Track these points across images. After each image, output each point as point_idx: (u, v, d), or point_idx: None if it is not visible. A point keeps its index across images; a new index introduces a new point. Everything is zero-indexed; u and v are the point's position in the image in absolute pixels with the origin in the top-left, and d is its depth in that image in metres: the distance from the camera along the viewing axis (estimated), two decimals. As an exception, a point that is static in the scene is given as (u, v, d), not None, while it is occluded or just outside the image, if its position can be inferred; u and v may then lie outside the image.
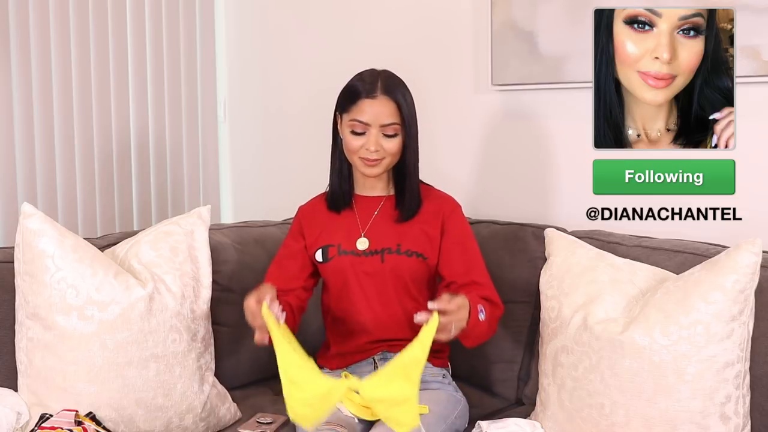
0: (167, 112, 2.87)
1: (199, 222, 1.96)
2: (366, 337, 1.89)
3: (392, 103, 1.80)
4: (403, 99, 1.82)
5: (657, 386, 1.52)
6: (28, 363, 1.76)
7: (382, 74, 1.84)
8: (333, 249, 1.89)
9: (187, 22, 2.92)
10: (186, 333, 1.83)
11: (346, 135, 1.84)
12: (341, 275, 1.88)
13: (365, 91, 1.80)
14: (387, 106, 1.80)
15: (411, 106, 1.84)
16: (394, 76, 1.85)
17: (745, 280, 1.52)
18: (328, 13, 2.76)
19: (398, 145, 1.83)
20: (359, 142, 1.81)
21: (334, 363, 1.93)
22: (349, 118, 1.82)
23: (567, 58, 2.13)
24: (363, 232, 1.88)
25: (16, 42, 2.44)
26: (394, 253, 1.86)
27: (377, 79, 1.82)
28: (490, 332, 1.76)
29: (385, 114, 1.80)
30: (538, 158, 2.30)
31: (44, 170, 2.54)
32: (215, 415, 1.89)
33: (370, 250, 1.86)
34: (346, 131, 1.84)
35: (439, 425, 1.73)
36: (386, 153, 1.82)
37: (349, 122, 1.82)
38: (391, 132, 1.81)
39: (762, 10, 1.81)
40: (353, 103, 1.81)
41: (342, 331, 1.92)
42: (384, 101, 1.80)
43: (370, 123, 1.80)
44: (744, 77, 1.86)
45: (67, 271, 1.73)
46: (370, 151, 1.81)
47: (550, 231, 1.88)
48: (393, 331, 1.87)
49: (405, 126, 1.81)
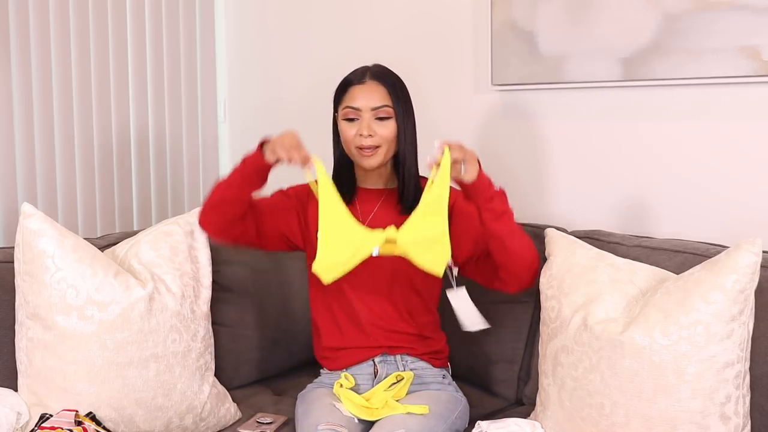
0: (167, 112, 2.87)
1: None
2: (366, 333, 1.87)
3: (382, 86, 1.84)
4: (394, 84, 1.85)
5: (657, 386, 1.52)
6: (28, 363, 1.76)
7: (371, 65, 1.89)
8: None
9: (187, 22, 2.92)
10: (186, 333, 1.83)
11: (341, 126, 1.86)
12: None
13: (355, 79, 1.85)
14: (377, 90, 1.83)
15: (403, 93, 1.86)
16: (385, 67, 1.89)
17: (745, 280, 1.51)
18: (328, 14, 2.76)
19: (392, 130, 1.83)
20: (353, 130, 1.83)
21: (333, 364, 1.92)
22: (342, 108, 1.86)
23: (567, 58, 2.13)
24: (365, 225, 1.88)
25: (16, 42, 2.44)
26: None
27: (366, 69, 1.87)
28: (520, 233, 1.77)
29: (375, 97, 1.82)
30: (537, 158, 2.30)
31: (44, 170, 2.54)
32: (215, 415, 1.89)
33: None
34: (341, 122, 1.86)
35: (440, 425, 1.73)
36: (381, 139, 1.82)
37: (343, 111, 1.85)
38: (384, 114, 1.82)
39: (762, 10, 1.81)
40: (345, 93, 1.86)
41: (339, 327, 1.90)
42: (373, 85, 1.84)
43: (361, 108, 1.82)
44: (744, 77, 1.86)
45: (67, 271, 1.73)
46: (363, 137, 1.81)
47: (550, 231, 1.88)
48: (395, 325, 1.87)
49: (397, 110, 1.83)
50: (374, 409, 1.75)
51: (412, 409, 1.72)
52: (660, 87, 2.02)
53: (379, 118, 1.82)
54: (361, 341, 1.88)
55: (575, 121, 2.21)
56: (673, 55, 1.95)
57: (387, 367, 1.88)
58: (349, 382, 1.84)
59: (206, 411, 1.86)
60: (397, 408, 1.73)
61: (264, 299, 2.21)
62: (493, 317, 2.09)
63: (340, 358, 1.90)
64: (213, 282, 1.95)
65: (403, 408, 1.73)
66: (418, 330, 1.90)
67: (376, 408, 1.75)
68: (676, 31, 1.93)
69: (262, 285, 2.22)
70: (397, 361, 1.88)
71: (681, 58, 1.94)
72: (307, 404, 1.81)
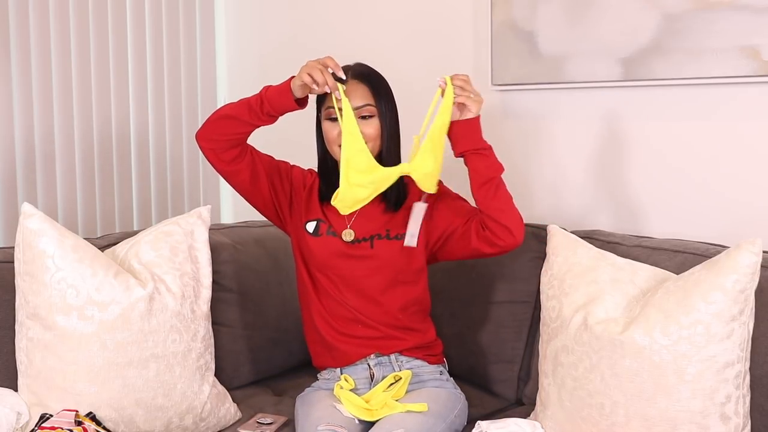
0: (167, 112, 2.87)
1: (199, 222, 1.96)
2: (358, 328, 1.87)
3: (363, 85, 1.83)
4: (375, 82, 1.85)
5: (657, 386, 1.52)
6: (28, 363, 1.76)
7: (352, 65, 1.88)
8: (324, 226, 1.88)
9: (187, 22, 2.92)
10: (186, 333, 1.83)
11: (324, 126, 1.86)
12: (330, 254, 1.87)
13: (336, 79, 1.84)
14: (358, 89, 1.82)
15: (385, 90, 1.86)
16: (366, 65, 1.89)
17: (745, 280, 1.51)
18: (329, 14, 2.76)
19: (376, 129, 1.83)
20: (336, 129, 1.82)
21: (328, 361, 1.92)
22: (325, 108, 1.84)
23: (567, 58, 2.13)
24: (348, 225, 1.88)
25: (16, 42, 2.44)
26: (384, 239, 1.85)
27: (348, 68, 1.85)
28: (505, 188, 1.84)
29: (357, 96, 1.82)
30: (537, 158, 2.30)
31: (44, 170, 2.54)
32: (215, 415, 1.89)
33: (356, 239, 1.86)
34: (324, 122, 1.85)
35: (438, 425, 1.73)
36: (365, 137, 1.80)
37: (325, 111, 1.84)
38: (366, 113, 1.82)
39: (762, 10, 1.81)
40: (326, 94, 1.82)
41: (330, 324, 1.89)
42: (354, 84, 1.83)
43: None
44: (744, 77, 1.86)
45: (67, 271, 1.73)
46: None
47: (552, 227, 1.86)
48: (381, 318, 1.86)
49: (379, 108, 1.82)
50: (374, 410, 1.75)
51: (411, 407, 1.72)
52: (660, 87, 2.02)
53: (362, 117, 1.81)
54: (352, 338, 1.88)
55: (575, 122, 2.21)
56: (673, 55, 1.95)
57: (383, 369, 1.87)
58: (348, 384, 1.84)
59: (206, 411, 1.86)
60: (396, 407, 1.73)
61: (264, 299, 2.21)
62: (493, 317, 2.10)
63: (335, 357, 1.90)
64: (213, 282, 1.94)
65: (402, 407, 1.73)
66: (408, 322, 1.90)
67: (376, 409, 1.75)
68: (676, 31, 1.93)
69: (262, 285, 2.22)
70: (392, 361, 1.88)
71: (681, 58, 1.94)
72: (307, 405, 1.81)
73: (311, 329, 1.94)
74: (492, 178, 1.81)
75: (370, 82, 1.84)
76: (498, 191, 1.81)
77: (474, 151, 1.81)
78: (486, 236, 1.82)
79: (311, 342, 1.96)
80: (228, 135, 1.83)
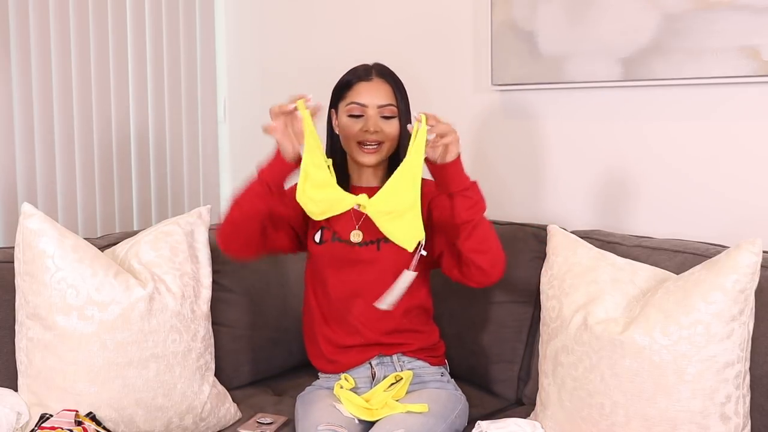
0: (167, 112, 2.87)
1: (199, 222, 1.97)
2: (359, 334, 1.87)
3: (387, 85, 1.84)
4: (398, 84, 1.86)
5: (657, 386, 1.52)
6: (28, 363, 1.76)
7: (373, 64, 1.89)
8: (328, 233, 1.88)
9: (187, 22, 2.92)
10: (186, 333, 1.83)
11: (343, 121, 1.85)
12: (335, 261, 1.86)
13: (361, 76, 1.85)
14: (383, 88, 1.84)
15: (404, 93, 1.87)
16: (387, 66, 1.89)
17: (745, 280, 1.51)
18: (329, 14, 2.77)
19: (395, 129, 1.84)
20: (358, 125, 1.82)
21: (330, 367, 1.91)
22: (346, 103, 1.84)
23: (567, 58, 2.13)
24: (357, 225, 1.87)
25: (16, 42, 2.44)
26: (391, 242, 1.85)
27: (371, 66, 1.87)
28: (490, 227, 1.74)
29: (381, 95, 1.83)
30: (537, 158, 2.30)
31: (44, 170, 2.54)
32: (215, 415, 1.89)
33: (364, 241, 1.85)
34: (344, 117, 1.85)
35: (439, 425, 1.73)
36: (385, 136, 1.82)
37: (347, 107, 1.84)
38: (389, 113, 1.83)
39: (762, 10, 1.81)
40: (349, 89, 1.84)
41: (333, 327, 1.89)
42: (380, 83, 1.84)
43: (368, 104, 1.82)
44: (744, 77, 1.86)
45: (67, 271, 1.73)
46: (369, 132, 1.81)
47: (552, 227, 1.86)
48: (386, 323, 1.86)
49: (400, 109, 1.83)
50: (374, 410, 1.74)
51: (411, 408, 1.72)
52: (660, 87, 2.02)
53: (384, 116, 1.82)
54: (355, 341, 1.87)
55: (575, 122, 2.21)
56: (673, 55, 1.95)
57: (384, 369, 1.87)
58: (349, 384, 1.84)
59: (206, 411, 1.86)
60: (397, 407, 1.73)
61: (264, 299, 2.21)
62: (493, 317, 2.10)
63: (336, 361, 1.89)
64: (213, 282, 1.95)
65: (403, 407, 1.73)
66: (411, 325, 1.90)
67: (376, 408, 1.75)
68: (676, 31, 1.93)
69: (262, 285, 2.22)
70: (393, 361, 1.88)
71: (681, 58, 1.94)
72: (307, 405, 1.81)
73: (313, 345, 1.94)
74: (470, 221, 1.71)
75: (394, 82, 1.86)
76: (475, 231, 1.71)
77: (459, 192, 1.70)
78: (462, 271, 1.78)
79: (313, 356, 1.96)
80: (256, 228, 1.79)
